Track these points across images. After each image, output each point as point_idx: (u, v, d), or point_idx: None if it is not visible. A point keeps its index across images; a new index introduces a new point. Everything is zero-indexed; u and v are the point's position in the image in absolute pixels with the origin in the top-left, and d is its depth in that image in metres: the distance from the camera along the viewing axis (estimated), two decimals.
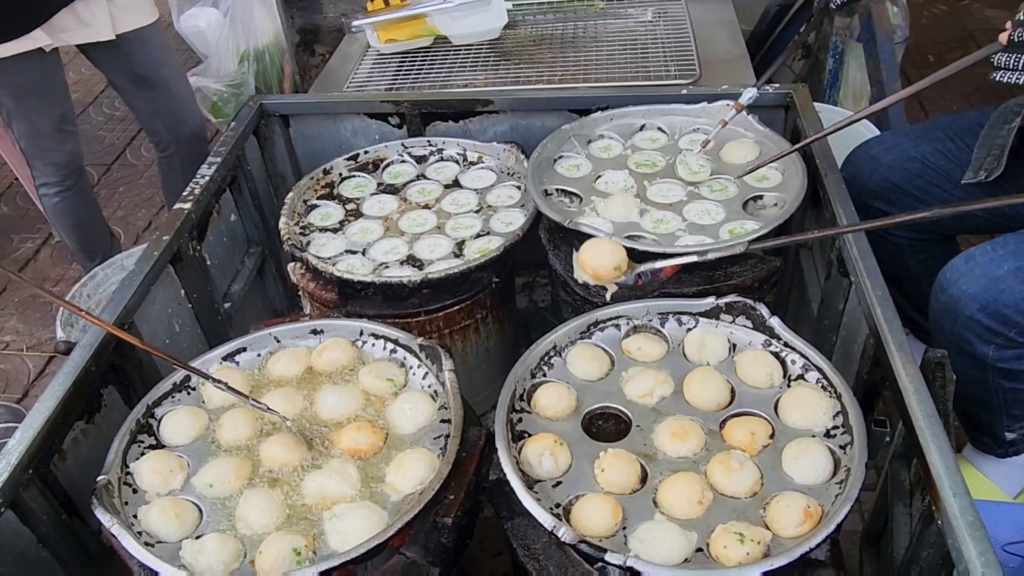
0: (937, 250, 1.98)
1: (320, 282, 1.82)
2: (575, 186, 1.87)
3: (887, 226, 1.38)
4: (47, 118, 2.37)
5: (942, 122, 1.93)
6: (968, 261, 1.61)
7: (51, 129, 2.39)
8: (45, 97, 2.35)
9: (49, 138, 2.40)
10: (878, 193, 1.92)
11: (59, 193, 2.51)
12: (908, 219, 1.33)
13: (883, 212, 1.93)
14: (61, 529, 1.38)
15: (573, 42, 2.63)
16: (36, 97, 2.33)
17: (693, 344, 1.50)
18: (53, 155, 2.44)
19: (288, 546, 1.20)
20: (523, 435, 1.36)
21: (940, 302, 1.65)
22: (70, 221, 2.58)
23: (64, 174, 2.48)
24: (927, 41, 4.07)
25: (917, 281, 1.98)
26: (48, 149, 2.42)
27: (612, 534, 1.21)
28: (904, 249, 1.98)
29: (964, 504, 1.09)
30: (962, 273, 1.61)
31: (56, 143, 2.42)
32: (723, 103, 1.98)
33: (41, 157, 2.43)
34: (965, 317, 1.59)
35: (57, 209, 2.54)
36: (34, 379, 2.78)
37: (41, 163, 2.45)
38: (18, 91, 2.29)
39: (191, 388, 1.51)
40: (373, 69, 2.59)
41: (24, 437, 1.32)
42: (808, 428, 1.34)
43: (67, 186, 2.51)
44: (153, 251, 1.71)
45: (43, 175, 2.47)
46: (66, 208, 2.54)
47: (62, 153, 2.45)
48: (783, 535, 1.18)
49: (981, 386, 1.71)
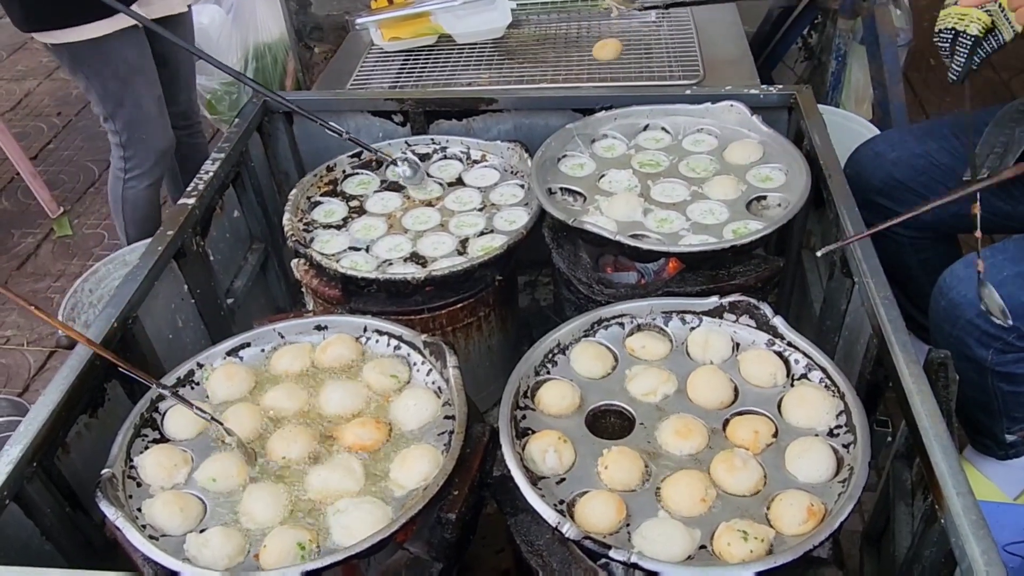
0: (937, 248, 1.99)
1: (324, 278, 1.82)
2: (579, 185, 1.88)
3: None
4: (151, 98, 2.40)
5: (947, 120, 1.93)
6: (968, 266, 1.61)
7: (155, 111, 2.41)
8: (147, 75, 2.38)
9: (154, 122, 2.42)
10: (882, 190, 1.92)
11: (149, 185, 2.52)
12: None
13: (887, 208, 1.93)
14: (65, 522, 1.38)
15: (577, 42, 2.64)
16: (141, 74, 2.35)
17: (697, 343, 1.50)
18: (159, 140, 2.46)
19: (292, 540, 1.21)
20: (527, 432, 1.37)
21: (940, 306, 1.65)
22: (144, 213, 2.58)
23: (162, 162, 2.50)
24: (929, 45, 4.05)
25: (916, 279, 1.98)
26: (154, 134, 2.43)
27: (616, 531, 1.21)
28: (904, 247, 1.99)
29: (967, 503, 1.10)
30: (962, 278, 1.61)
31: (161, 128, 2.45)
32: (726, 103, 1.98)
33: (144, 145, 2.43)
34: (964, 321, 1.60)
35: (139, 201, 2.54)
36: (35, 374, 2.78)
37: (144, 151, 2.44)
38: (126, 69, 2.31)
39: (195, 383, 1.51)
40: (376, 67, 2.59)
41: (28, 430, 1.32)
42: (811, 427, 1.34)
43: (156, 175, 2.53)
44: (157, 246, 1.71)
45: (140, 165, 2.47)
46: (148, 199, 2.55)
47: (165, 139, 2.48)
48: (786, 533, 1.18)
49: (981, 389, 1.72)
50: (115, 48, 2.28)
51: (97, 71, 2.31)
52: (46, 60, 4.77)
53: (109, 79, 2.32)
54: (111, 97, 2.36)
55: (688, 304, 1.55)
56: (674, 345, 1.53)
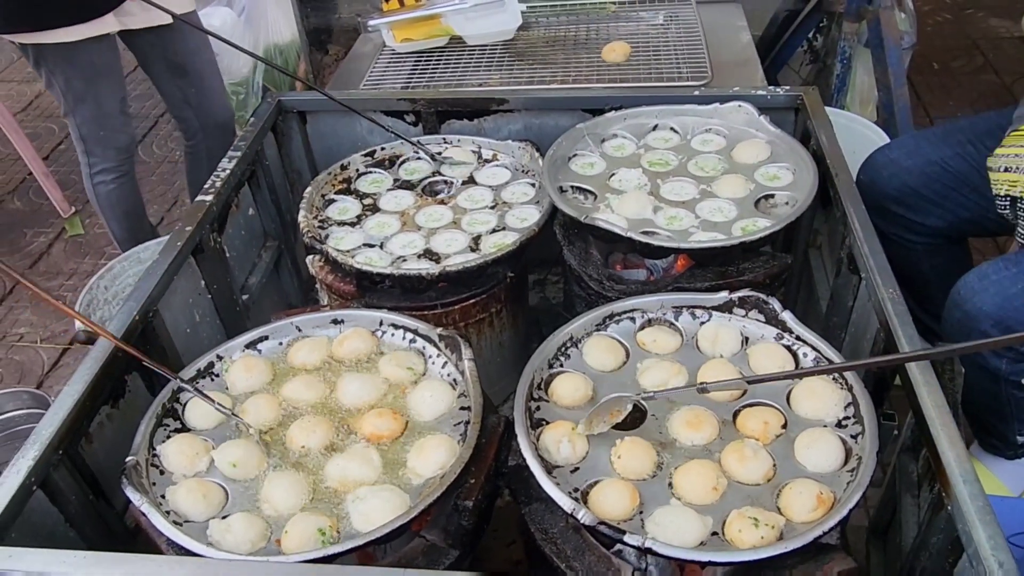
0: (949, 253, 2.01)
1: (339, 274, 1.85)
2: (590, 183, 1.91)
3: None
4: (114, 100, 2.43)
5: (963, 124, 1.95)
6: (982, 279, 1.63)
7: (116, 111, 2.45)
8: (113, 78, 2.41)
9: (114, 120, 2.46)
10: (896, 197, 1.95)
11: (116, 180, 2.55)
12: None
13: (899, 216, 1.96)
14: (88, 509, 1.41)
15: (586, 44, 2.67)
16: (106, 78, 2.39)
17: (707, 337, 1.53)
18: (117, 138, 2.49)
19: (313, 526, 1.23)
20: (541, 423, 1.40)
21: (954, 317, 1.67)
22: (122, 209, 2.63)
23: (123, 158, 2.54)
24: (932, 49, 4.11)
25: (928, 284, 2.01)
26: (113, 131, 2.47)
27: (629, 518, 1.24)
28: (917, 252, 2.01)
29: (974, 490, 1.12)
30: (976, 290, 1.63)
31: (120, 126, 2.49)
32: (734, 104, 2.02)
33: (103, 142, 2.48)
34: (979, 333, 1.61)
35: (112, 197, 2.58)
36: (48, 370, 2.81)
37: (102, 148, 2.49)
38: (91, 72, 2.35)
39: (215, 374, 1.54)
40: (388, 68, 2.63)
41: (54, 418, 1.35)
42: (820, 418, 1.37)
43: (123, 171, 2.56)
44: (176, 241, 1.74)
45: (103, 161, 2.51)
46: (120, 196, 2.59)
47: (125, 136, 2.52)
48: (796, 520, 1.21)
49: (993, 396, 1.74)
50: (82, 51, 2.30)
51: (61, 70, 2.34)
52: None
53: (73, 78, 2.35)
54: (72, 95, 2.39)
55: (698, 299, 1.58)
56: (684, 339, 1.55)
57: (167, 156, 3.93)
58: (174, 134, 3.05)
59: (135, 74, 2.71)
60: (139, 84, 4.20)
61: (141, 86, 4.21)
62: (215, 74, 2.67)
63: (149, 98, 4.23)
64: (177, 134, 2.86)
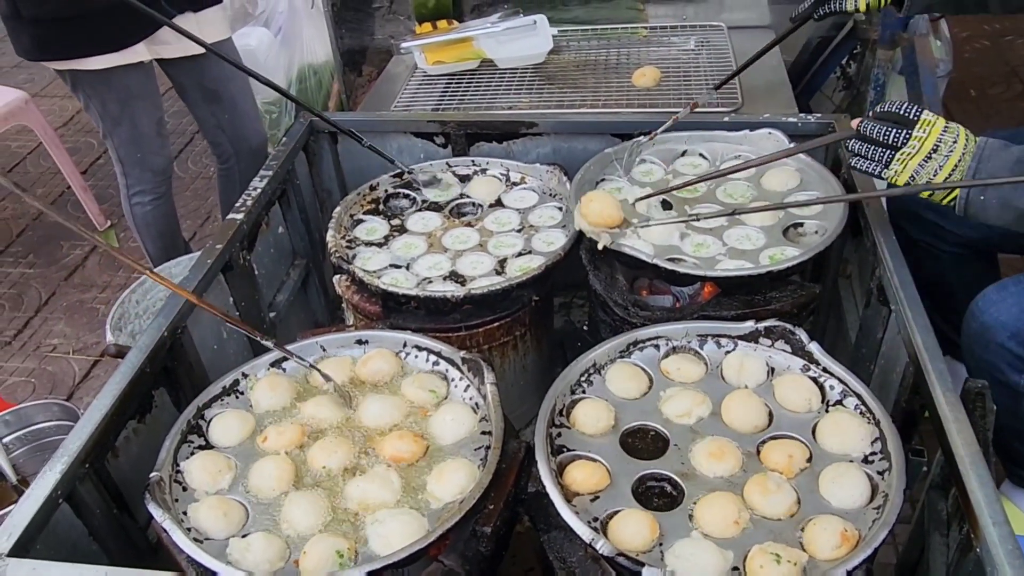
0: (978, 266, 1.98)
1: (365, 294, 1.86)
2: None
3: None
4: (150, 121, 2.49)
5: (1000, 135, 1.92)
6: (1002, 290, 1.62)
7: (153, 133, 2.51)
8: (148, 100, 2.47)
9: (151, 142, 2.51)
10: (930, 203, 1.92)
11: (152, 201, 2.61)
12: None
13: (932, 223, 1.93)
14: (112, 523, 1.42)
15: (616, 68, 2.68)
16: (142, 100, 2.44)
17: (732, 366, 1.52)
18: (153, 160, 2.55)
19: (332, 548, 1.23)
20: (562, 449, 1.39)
21: (972, 329, 1.65)
22: (157, 229, 2.68)
23: (159, 180, 2.59)
24: (970, 76, 4.07)
25: (952, 295, 1.97)
26: (150, 153, 2.53)
27: (649, 550, 1.22)
28: (945, 262, 1.98)
29: (1003, 532, 1.10)
30: (995, 301, 1.61)
31: (157, 148, 2.54)
32: (765, 131, 2.01)
33: (140, 164, 2.53)
34: (996, 345, 1.59)
35: (148, 217, 2.64)
36: (79, 381, 2.86)
37: (139, 170, 2.54)
38: (126, 95, 2.40)
39: (239, 392, 1.56)
40: (420, 90, 2.66)
41: (82, 432, 1.37)
42: (846, 453, 1.35)
43: (160, 193, 2.61)
44: (207, 259, 1.77)
45: (140, 182, 2.57)
46: (156, 216, 2.64)
47: (161, 158, 2.57)
48: (819, 557, 1.19)
49: (1015, 415, 1.70)
50: (117, 76, 2.35)
51: (97, 93, 2.40)
52: None
53: (109, 102, 2.41)
54: (109, 117, 2.44)
55: (724, 328, 1.57)
56: (709, 368, 1.54)
57: (201, 172, 4.00)
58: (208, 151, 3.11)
59: (171, 91, 2.76)
60: (175, 101, 4.26)
61: (178, 103, 4.27)
62: (248, 99, 2.72)
63: (185, 115, 4.30)
64: (213, 171, 2.92)
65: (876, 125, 1.45)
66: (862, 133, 1.47)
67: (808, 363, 1.50)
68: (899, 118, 1.44)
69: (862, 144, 1.48)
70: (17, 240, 3.60)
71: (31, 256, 3.49)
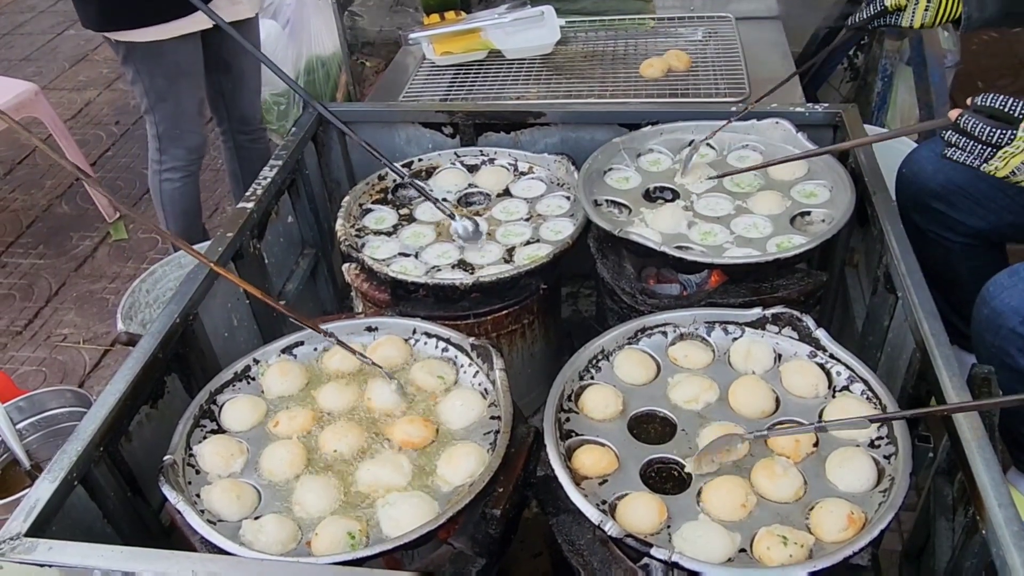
0: (987, 256, 1.98)
1: (374, 283, 1.88)
2: (624, 197, 1.91)
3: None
4: (193, 100, 2.53)
5: None
6: (1012, 275, 1.62)
7: (194, 112, 2.55)
8: (194, 79, 2.52)
9: (191, 120, 2.55)
10: (939, 193, 1.91)
11: (182, 179, 2.65)
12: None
13: (940, 212, 1.93)
14: (125, 506, 1.44)
15: (624, 59, 2.68)
16: (188, 78, 2.48)
17: (739, 353, 1.53)
18: (191, 138, 2.59)
19: (343, 530, 1.25)
20: (570, 434, 1.40)
21: (983, 314, 1.65)
22: (182, 208, 2.72)
23: (194, 158, 2.64)
24: (977, 68, 4.05)
25: (963, 286, 1.98)
26: (188, 132, 2.57)
27: (656, 532, 1.24)
28: (954, 252, 1.99)
29: (1009, 514, 1.10)
30: (1005, 287, 1.61)
31: (196, 126, 2.59)
32: (772, 121, 2.01)
33: (179, 141, 2.58)
34: (1007, 330, 1.59)
35: (175, 194, 2.68)
36: (90, 371, 2.88)
37: (176, 147, 2.59)
38: (175, 71, 2.44)
39: (251, 378, 1.57)
40: (428, 80, 2.66)
41: (97, 416, 1.38)
42: (852, 438, 1.35)
43: (190, 171, 2.66)
44: (217, 247, 1.78)
45: (174, 159, 2.61)
46: (183, 194, 2.69)
47: (198, 136, 2.61)
48: (826, 540, 1.20)
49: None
50: (169, 50, 2.40)
51: (148, 68, 2.43)
52: (106, 71, 4.95)
53: (157, 77, 2.44)
54: (155, 92, 2.48)
55: (731, 315, 1.58)
56: (716, 355, 1.55)
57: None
58: (217, 142, 3.14)
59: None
60: None
61: None
62: (256, 78, 2.77)
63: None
64: (219, 142, 2.94)
65: (978, 121, 1.40)
66: (962, 128, 1.43)
67: (815, 349, 1.50)
68: (1002, 115, 1.40)
69: (960, 136, 1.44)
70: (27, 231, 3.62)
71: (41, 247, 3.52)
